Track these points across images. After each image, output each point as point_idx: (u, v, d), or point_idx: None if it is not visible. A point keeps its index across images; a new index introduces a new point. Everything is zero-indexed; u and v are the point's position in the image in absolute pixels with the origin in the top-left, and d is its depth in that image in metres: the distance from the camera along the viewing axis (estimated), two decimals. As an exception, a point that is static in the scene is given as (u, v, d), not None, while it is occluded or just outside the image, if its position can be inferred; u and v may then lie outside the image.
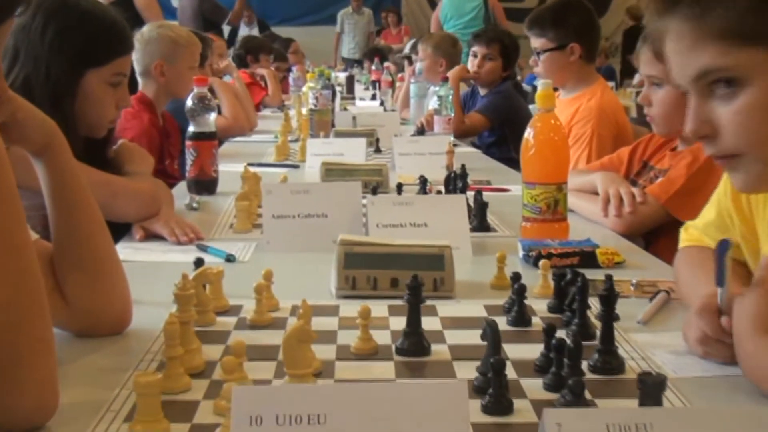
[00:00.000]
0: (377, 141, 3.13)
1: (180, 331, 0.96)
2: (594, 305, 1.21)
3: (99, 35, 1.72)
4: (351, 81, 6.66)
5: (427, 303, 1.14)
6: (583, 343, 0.99)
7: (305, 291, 1.33)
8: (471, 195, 1.88)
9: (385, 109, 4.71)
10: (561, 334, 1.02)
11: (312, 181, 2.31)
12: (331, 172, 2.24)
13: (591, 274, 1.33)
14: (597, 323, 1.07)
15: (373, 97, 5.92)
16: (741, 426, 0.62)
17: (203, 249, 1.59)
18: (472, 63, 3.93)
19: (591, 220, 1.88)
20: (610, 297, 1.04)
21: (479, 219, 1.80)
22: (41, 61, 1.67)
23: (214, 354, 1.05)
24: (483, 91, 4.00)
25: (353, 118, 3.68)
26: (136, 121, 2.65)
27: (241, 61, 5.54)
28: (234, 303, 1.25)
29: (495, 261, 1.39)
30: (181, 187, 2.25)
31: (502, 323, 1.17)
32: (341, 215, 1.61)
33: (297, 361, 0.89)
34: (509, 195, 2.24)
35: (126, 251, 1.58)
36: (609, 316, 1.04)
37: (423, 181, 2.07)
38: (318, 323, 1.11)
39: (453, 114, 3.32)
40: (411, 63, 5.24)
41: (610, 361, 1.01)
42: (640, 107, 2.07)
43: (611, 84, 5.85)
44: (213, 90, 3.42)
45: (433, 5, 6.87)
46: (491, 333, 0.96)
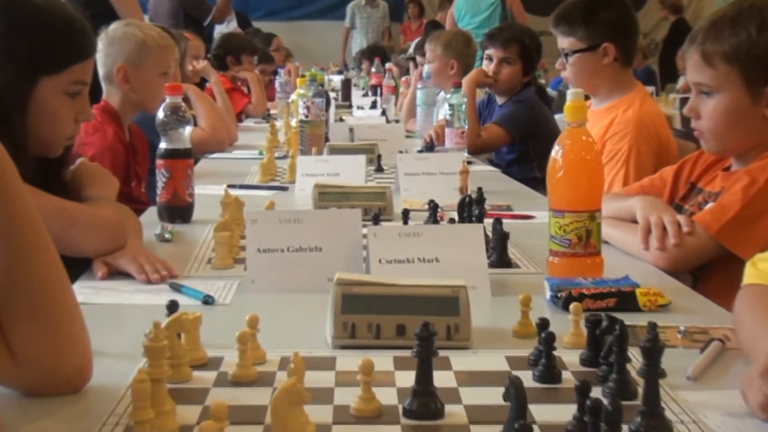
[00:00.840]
0: (379, 158, 3.14)
1: (151, 390, 0.95)
2: (635, 358, 1.21)
3: (53, 36, 1.69)
4: (347, 86, 6.71)
5: (440, 355, 1.14)
6: (623, 404, 0.98)
7: (296, 340, 1.34)
8: (489, 223, 1.89)
9: (388, 120, 4.74)
10: (597, 392, 1.02)
11: (303, 208, 2.32)
12: (326, 196, 2.25)
13: (631, 319, 1.33)
14: (639, 380, 1.06)
15: (374, 105, 5.96)
16: None
17: (177, 289, 1.59)
18: (486, 68, 3.96)
19: (629, 253, 1.88)
20: (654, 348, 1.03)
21: (499, 253, 1.80)
22: None
23: (190, 417, 1.05)
24: (501, 100, 4.02)
25: (350, 130, 3.71)
26: (98, 136, 2.66)
27: (220, 63, 5.58)
28: (213, 355, 1.25)
29: (518, 304, 1.39)
30: (151, 214, 2.26)
31: (527, 379, 1.17)
32: (338, 249, 1.62)
33: (288, 426, 0.89)
34: (533, 223, 2.24)
35: (85, 292, 1.58)
36: (653, 371, 1.03)
37: (433, 207, 2.08)
38: (312, 379, 1.11)
39: (467, 126, 3.34)
40: (417, 65, 5.26)
41: (655, 426, 1.01)
42: (686, 118, 2.07)
43: (650, 89, 5.86)
44: (187, 98, 3.44)
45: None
46: (515, 392, 0.96)
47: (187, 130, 2.18)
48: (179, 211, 2.19)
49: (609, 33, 2.78)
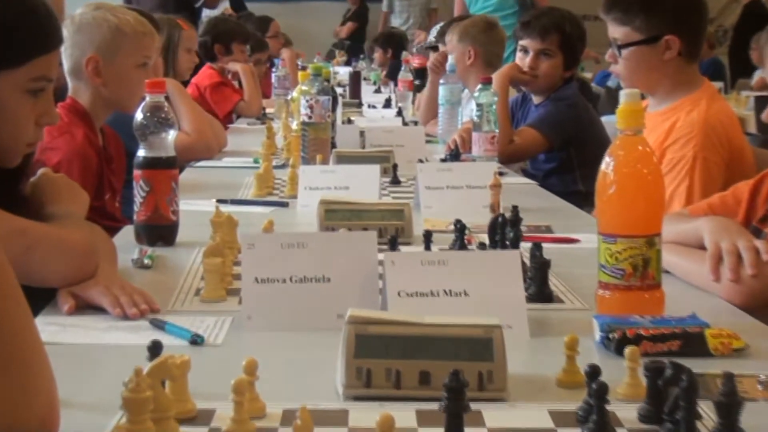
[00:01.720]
0: (394, 168, 3.15)
1: (130, 451, 0.96)
2: (707, 414, 1.20)
3: (11, 25, 1.70)
4: (356, 80, 6.73)
5: (472, 409, 1.13)
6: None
7: (302, 389, 1.34)
8: (526, 248, 1.89)
9: (405, 122, 4.75)
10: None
11: (307, 228, 2.33)
12: (334, 214, 2.26)
13: (699, 366, 1.32)
14: (711, 441, 1.06)
15: (387, 104, 5.97)
16: None
17: (159, 326, 1.60)
18: (521, 62, 3.96)
19: (696, 286, 1.88)
20: (731, 403, 1.03)
21: (538, 284, 1.80)
22: None
23: (176, 482, 1.05)
24: (538, 99, 4.03)
25: (361, 134, 3.72)
26: (64, 139, 2.67)
27: (207, 53, 5.62)
28: (203, 406, 1.25)
29: (562, 346, 1.39)
30: (126, 235, 2.27)
31: (575, 438, 1.17)
32: (349, 279, 1.62)
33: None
34: (579, 249, 2.24)
35: (49, 329, 1.58)
36: (730, 430, 1.03)
37: (460, 229, 2.08)
38: (320, 437, 1.11)
39: (498, 130, 3.35)
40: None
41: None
42: (763, 122, 2.07)
43: (718, 85, 5.83)
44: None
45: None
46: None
47: (171, 134, 2.19)
48: (161, 232, 2.20)
49: (672, 22, 2.75)
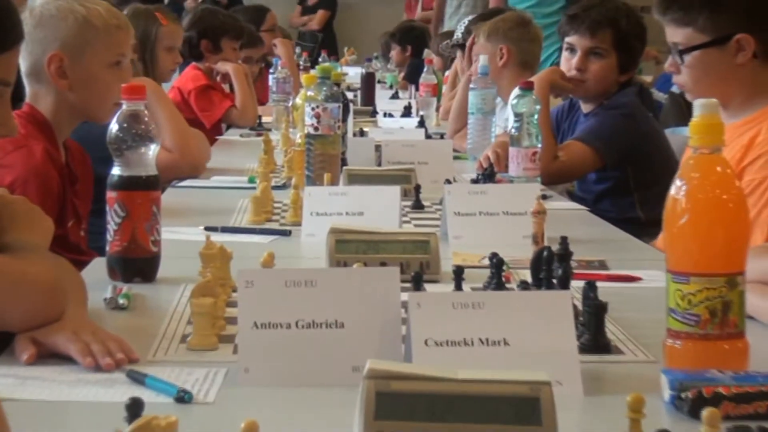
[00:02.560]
0: (417, 190, 3.16)
1: None
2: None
3: None
4: (370, 83, 6.75)
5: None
6: None
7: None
8: (577, 288, 1.88)
9: (429, 134, 4.76)
10: None
11: (314, 263, 2.34)
12: (346, 245, 2.26)
13: (792, 433, 1.31)
14: None
15: (407, 112, 5.98)
16: None
17: (138, 380, 1.60)
18: (567, 63, 3.96)
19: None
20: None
21: (593, 332, 1.80)
22: None
23: None
24: (587, 107, 4.03)
25: (376, 148, 3.73)
26: (19, 155, 2.68)
27: (192, 50, 5.64)
28: (192, 478, 1.25)
29: (624, 407, 1.37)
30: (97, 270, 2.27)
31: None
32: (367, 325, 1.62)
33: None
34: (641, 288, 2.24)
35: (4, 383, 1.58)
36: None
37: (497, 264, 2.08)
38: None
39: (540, 145, 3.35)
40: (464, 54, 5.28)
41: None
42: None
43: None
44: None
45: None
46: None
47: (152, 149, 2.20)
48: (139, 266, 2.21)
49: (744, 18, 2.74)
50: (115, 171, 2.20)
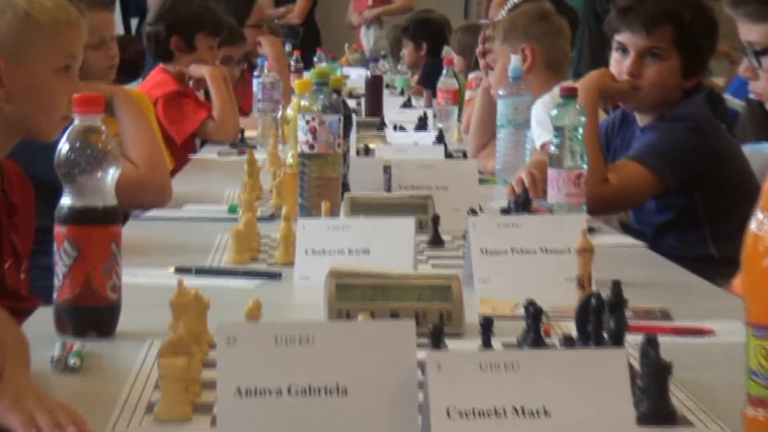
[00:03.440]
0: (435, 222, 3.16)
1: None
2: None
3: None
4: (376, 89, 6.74)
5: None
6: None
7: None
8: (633, 344, 1.87)
9: (449, 152, 4.75)
10: None
11: (311, 316, 2.33)
12: (349, 291, 2.25)
13: None
14: None
15: (422, 124, 5.98)
16: None
17: (94, 460, 1.59)
18: (618, 66, 3.96)
19: None
20: None
21: (654, 398, 1.79)
22: None
23: None
24: (644, 119, 4.02)
25: (385, 170, 3.72)
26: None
27: (160, 49, 5.64)
28: None
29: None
30: (43, 321, 2.26)
31: None
32: (374, 390, 1.61)
33: None
34: (713, 344, 2.23)
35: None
36: None
37: (533, 314, 2.07)
38: None
39: (585, 165, 3.35)
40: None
41: None
42: None
43: None
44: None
45: None
46: None
47: (111, 174, 2.20)
48: (95, 317, 2.20)
49: None
50: (65, 201, 2.19)
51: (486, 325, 2.02)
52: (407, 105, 7.33)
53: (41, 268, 2.69)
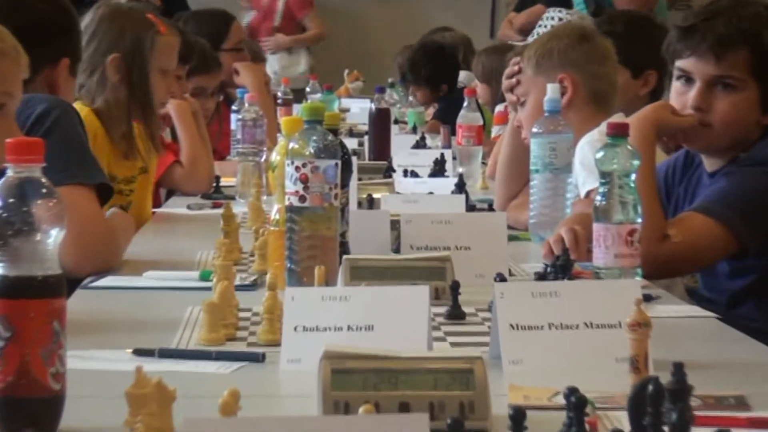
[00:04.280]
0: (454, 290, 3.15)
1: None
2: None
3: None
4: (382, 124, 6.75)
5: None
6: None
7: None
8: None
9: (471, 203, 4.75)
10: None
11: (302, 409, 2.33)
12: (348, 378, 2.24)
13: None
14: None
15: (440, 168, 5.98)
16: None
17: None
18: (681, 98, 3.95)
19: None
20: None
21: None
22: None
23: None
24: (713, 163, 4.02)
25: (393, 226, 3.72)
26: None
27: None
28: None
29: None
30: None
31: None
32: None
33: None
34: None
35: None
36: None
37: (576, 404, 2.07)
38: None
39: (640, 220, 3.35)
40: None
41: None
42: None
43: None
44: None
45: None
46: None
47: (53, 237, 2.20)
48: (33, 411, 2.18)
49: None
50: (-4, 271, 2.21)
51: (517, 419, 2.01)
52: (420, 145, 7.33)
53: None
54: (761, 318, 3.66)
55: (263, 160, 5.28)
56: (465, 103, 6.27)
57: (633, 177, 3.32)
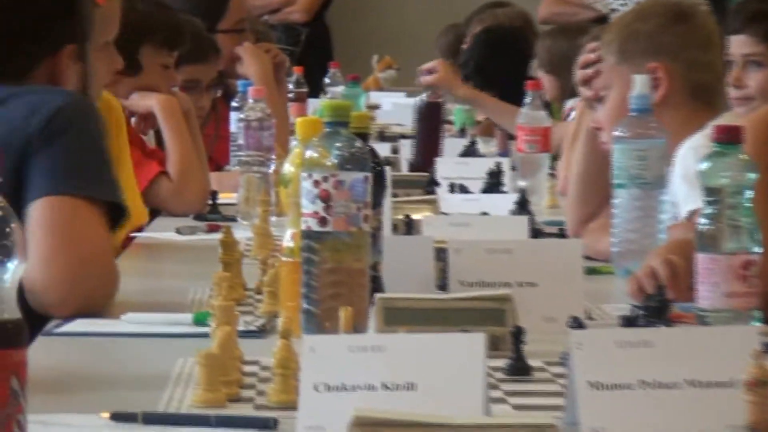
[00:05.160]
0: (517, 338, 3.14)
1: None
2: None
3: None
4: (432, 124, 6.75)
5: None
6: None
7: None
8: None
9: (537, 226, 4.77)
10: None
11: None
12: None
13: None
14: None
15: (495, 181, 5.99)
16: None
17: None
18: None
19: None
20: None
21: None
22: None
23: None
24: None
25: (439, 255, 3.71)
26: None
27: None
28: None
29: None
30: None
31: None
32: None
33: None
34: None
35: None
36: None
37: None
38: None
39: (758, 249, 3.34)
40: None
41: None
42: None
43: None
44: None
45: None
46: None
47: (11, 272, 2.19)
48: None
49: None
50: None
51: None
52: (470, 151, 7.35)
53: None
54: None
55: (272, 171, 5.28)
56: (527, 99, 6.24)
57: (748, 194, 3.30)
